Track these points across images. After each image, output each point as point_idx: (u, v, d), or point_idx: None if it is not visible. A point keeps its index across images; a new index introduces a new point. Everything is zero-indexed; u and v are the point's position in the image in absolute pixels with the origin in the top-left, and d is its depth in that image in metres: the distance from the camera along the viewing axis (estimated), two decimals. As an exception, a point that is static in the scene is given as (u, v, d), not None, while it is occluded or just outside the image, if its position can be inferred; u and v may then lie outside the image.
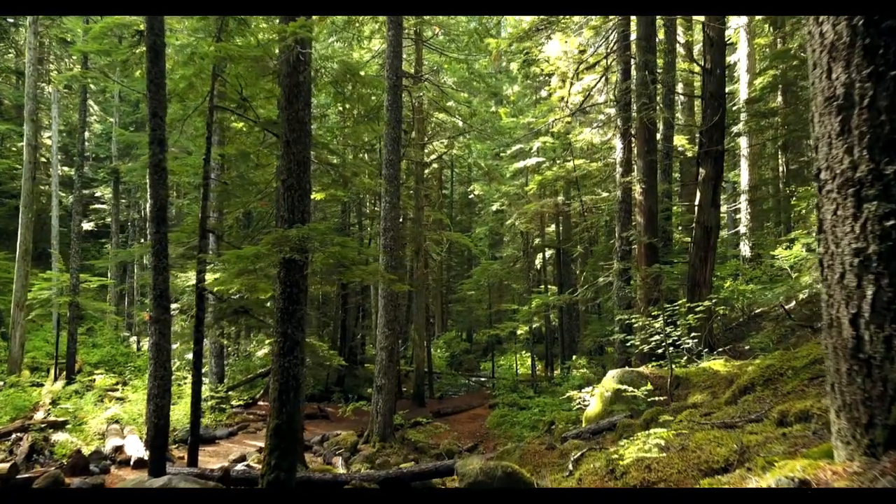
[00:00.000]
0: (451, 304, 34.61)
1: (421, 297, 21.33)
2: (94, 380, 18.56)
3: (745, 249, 20.80)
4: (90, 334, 26.17)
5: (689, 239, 20.41)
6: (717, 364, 7.98)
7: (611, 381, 8.30)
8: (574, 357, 22.56)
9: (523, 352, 27.87)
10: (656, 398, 7.88)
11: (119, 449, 10.90)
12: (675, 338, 8.20)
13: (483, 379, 26.40)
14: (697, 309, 7.86)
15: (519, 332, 25.87)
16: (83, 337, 25.23)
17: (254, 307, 8.63)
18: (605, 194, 20.71)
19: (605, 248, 19.00)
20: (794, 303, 13.26)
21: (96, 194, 34.37)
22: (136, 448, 10.84)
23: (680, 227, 20.72)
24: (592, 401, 8.62)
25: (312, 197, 10.26)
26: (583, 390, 9.37)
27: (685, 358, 8.93)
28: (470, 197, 35.84)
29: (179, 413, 14.58)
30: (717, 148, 11.48)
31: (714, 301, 8.35)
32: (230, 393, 18.63)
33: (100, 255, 28.78)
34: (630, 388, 5.00)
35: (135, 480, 7.04)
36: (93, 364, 22.00)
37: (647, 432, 2.89)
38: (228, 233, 16.65)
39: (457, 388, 25.91)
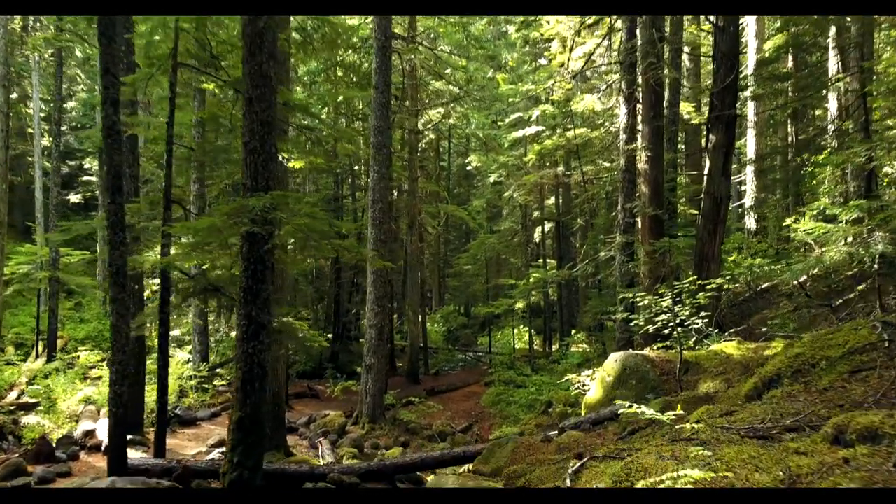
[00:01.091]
0: (448, 279, 33.99)
1: (415, 271, 20.65)
2: (78, 357, 17.97)
3: (749, 222, 20.06)
4: (77, 309, 25.57)
5: (694, 211, 19.65)
6: (730, 347, 7.30)
7: (613, 364, 7.64)
8: (573, 332, 21.99)
9: (521, 326, 27.30)
10: (664, 383, 7.22)
11: (90, 433, 10.29)
12: (684, 317, 7.51)
13: (480, 354, 25.89)
14: (709, 286, 7.15)
15: (517, 306, 25.31)
16: (70, 312, 24.60)
17: (225, 285, 7.91)
18: (606, 164, 19.87)
19: (606, 220, 18.23)
20: (804, 277, 12.54)
21: (84, 165, 33.48)
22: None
23: (684, 199, 19.92)
24: (593, 386, 7.96)
25: (291, 165, 9.49)
26: (582, 374, 8.73)
27: (693, 339, 8.25)
28: (468, 169, 34.95)
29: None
30: (730, 112, 10.64)
31: (728, 278, 7.64)
32: (219, 370, 18.03)
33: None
34: (652, 411, 4.25)
35: (78, 481, 6.41)
36: (79, 340, 21.44)
37: (675, 475, 2.22)
38: (216, 203, 15.87)
39: (453, 364, 25.41)
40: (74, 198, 32.47)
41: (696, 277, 7.48)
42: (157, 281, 17.59)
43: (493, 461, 6.32)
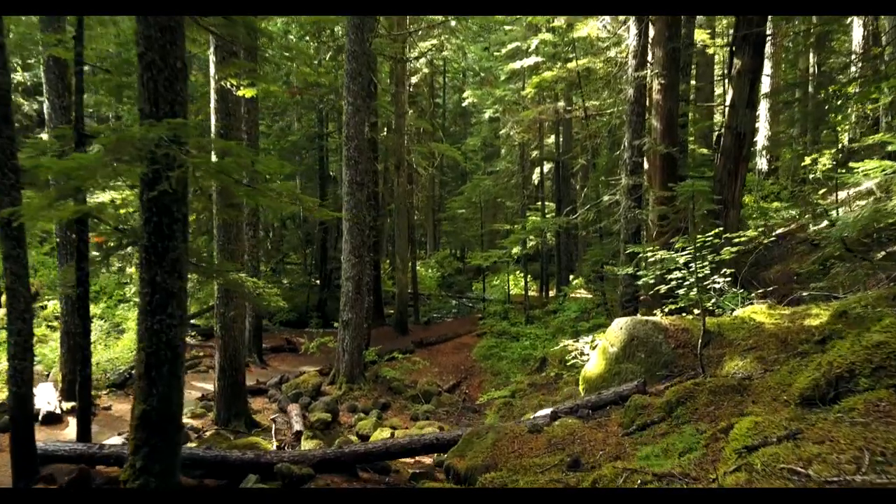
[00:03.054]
0: (442, 223, 32.62)
1: (403, 216, 19.27)
2: (45, 307, 16.85)
3: (761, 163, 18.60)
4: (52, 254, 24.36)
5: (705, 150, 18.12)
6: (760, 312, 6.05)
7: (618, 333, 6.42)
8: (571, 278, 20.85)
9: (517, 272, 26.16)
10: (679, 358, 6.04)
11: (27, 401, 9.17)
12: (702, 276, 6.25)
13: (474, 300, 24.85)
14: (737, 239, 5.85)
15: (513, 251, 24.16)
16: (44, 258, 23.41)
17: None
18: (610, 100, 18.19)
19: (609, 160, 16.70)
20: (825, 223, 11.20)
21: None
22: (47, 400, 9.17)
23: (694, 137, 18.33)
24: (593, 356, 6.77)
25: (241, 94, 7.99)
26: (581, 339, 7.52)
27: (712, 301, 7.01)
28: (464, 105, 33.02)
29: (117, 350, 12.94)
30: (758, 31, 9.07)
31: (762, 229, 6.34)
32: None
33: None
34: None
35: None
36: (52, 287, 20.27)
37: None
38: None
39: (447, 311, 24.41)
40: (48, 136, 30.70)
41: (721, 229, 6.15)
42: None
43: (470, 455, 5.19)
